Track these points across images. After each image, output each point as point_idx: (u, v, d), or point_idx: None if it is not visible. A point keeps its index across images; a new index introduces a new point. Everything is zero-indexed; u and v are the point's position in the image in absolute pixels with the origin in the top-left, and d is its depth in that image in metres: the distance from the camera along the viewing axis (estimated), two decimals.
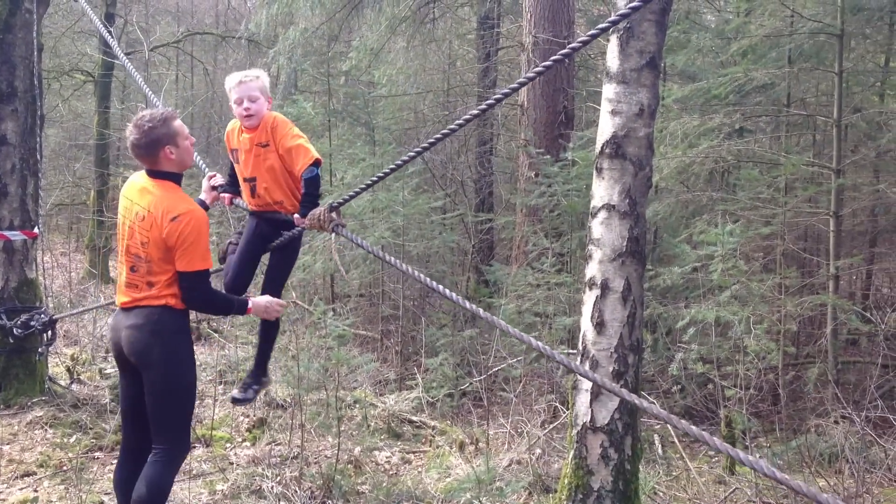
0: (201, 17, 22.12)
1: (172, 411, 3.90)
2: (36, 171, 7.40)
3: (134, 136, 3.83)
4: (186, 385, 3.92)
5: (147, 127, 3.80)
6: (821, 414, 7.18)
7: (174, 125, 3.86)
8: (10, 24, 7.13)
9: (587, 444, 5.02)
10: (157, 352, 3.83)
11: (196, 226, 3.78)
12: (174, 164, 3.89)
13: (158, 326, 3.85)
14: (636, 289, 5.03)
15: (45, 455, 6.16)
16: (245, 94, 4.08)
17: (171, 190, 3.87)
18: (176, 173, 3.94)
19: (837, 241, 8.37)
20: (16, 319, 6.99)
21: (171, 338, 3.87)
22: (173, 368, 3.86)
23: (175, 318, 3.89)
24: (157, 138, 3.80)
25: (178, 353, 3.89)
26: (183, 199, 3.85)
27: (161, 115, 3.85)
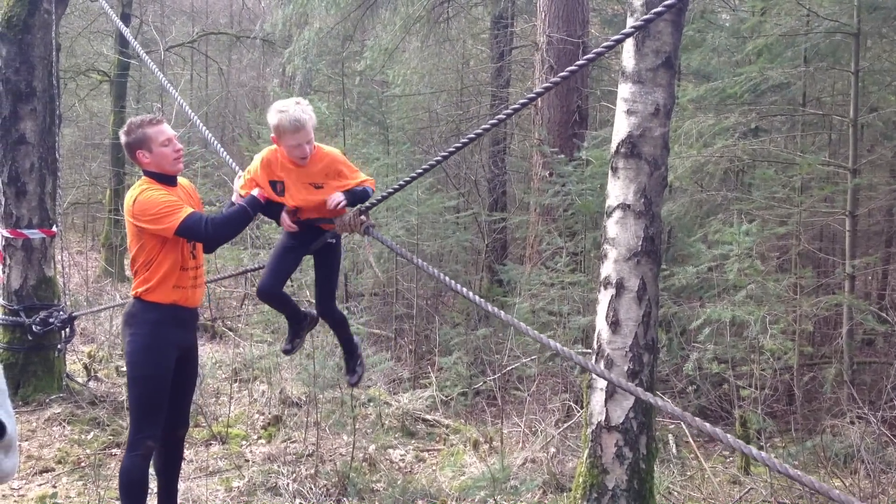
0: (216, 18, 22.22)
1: (131, 399, 4.11)
2: (54, 169, 7.47)
3: (120, 138, 4.17)
4: (143, 376, 4.03)
5: (122, 133, 4.11)
6: (836, 414, 7.15)
7: (149, 131, 4.06)
8: (29, 24, 7.19)
9: (602, 443, 5.03)
10: (126, 341, 4.13)
11: (146, 198, 3.95)
12: (152, 166, 4.09)
13: (128, 317, 4.13)
14: (651, 288, 5.03)
15: (64, 451, 6.23)
16: (304, 139, 3.85)
17: (143, 183, 4.07)
18: (159, 174, 4.10)
19: (853, 240, 8.33)
20: (34, 317, 7.06)
21: (136, 328, 4.06)
22: (132, 357, 4.05)
23: (143, 311, 4.07)
24: (130, 143, 4.08)
25: (139, 343, 4.04)
26: (143, 188, 4.02)
27: (138, 122, 4.10)
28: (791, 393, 7.81)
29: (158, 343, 4.06)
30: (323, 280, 4.35)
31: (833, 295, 8.40)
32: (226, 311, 11.79)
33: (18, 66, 7.16)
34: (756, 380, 6.72)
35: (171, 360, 4.11)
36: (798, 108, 9.35)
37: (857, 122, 8.29)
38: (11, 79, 7.15)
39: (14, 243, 7.22)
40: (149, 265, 4.05)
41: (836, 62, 8.99)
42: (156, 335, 4.05)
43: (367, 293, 11.17)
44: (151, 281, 4.04)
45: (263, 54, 19.15)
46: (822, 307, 8.01)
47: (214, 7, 22.64)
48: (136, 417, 4.07)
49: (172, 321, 4.11)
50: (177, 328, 4.15)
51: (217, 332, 10.83)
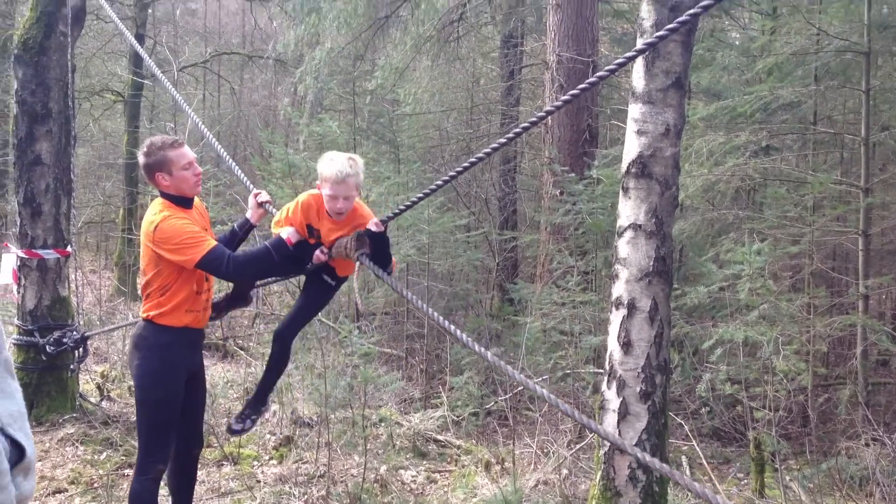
0: (228, 38, 22.44)
1: (140, 422, 4.08)
2: (69, 190, 7.52)
3: (139, 159, 4.13)
4: (153, 401, 4.00)
5: (142, 154, 4.04)
6: (851, 436, 7.09)
7: (169, 154, 3.99)
8: (45, 46, 7.27)
9: (615, 465, 5.00)
10: (134, 364, 4.06)
11: (170, 226, 3.88)
12: (171, 189, 4.03)
13: (137, 340, 4.07)
14: (663, 308, 5.02)
15: (77, 472, 6.23)
16: (342, 192, 3.87)
17: (160, 206, 4.02)
18: (177, 196, 4.05)
19: (866, 260, 8.29)
20: (48, 337, 7.09)
21: (147, 352, 4.01)
22: (142, 381, 4.01)
23: (154, 333, 4.02)
24: (149, 164, 4.01)
25: (149, 367, 4.00)
26: (163, 212, 3.96)
27: (159, 143, 4.03)
28: (805, 414, 7.75)
29: (169, 367, 4.02)
30: (301, 308, 4.33)
31: (847, 315, 8.35)
32: (237, 331, 11.81)
33: (34, 88, 7.23)
34: (770, 401, 6.67)
35: (181, 384, 4.08)
36: (809, 126, 9.34)
37: (868, 140, 8.27)
38: (28, 100, 7.22)
39: (29, 263, 7.27)
40: (164, 290, 4.01)
41: (847, 81, 8.99)
42: (166, 359, 4.02)
43: (379, 312, 11.18)
44: (166, 306, 4.00)
45: (275, 74, 19.33)
46: (836, 327, 7.97)
47: (227, 28, 22.87)
48: (146, 441, 4.06)
49: (183, 344, 4.09)
50: (187, 351, 4.13)
51: (228, 352, 10.85)
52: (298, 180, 10.47)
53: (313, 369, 7.99)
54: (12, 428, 1.45)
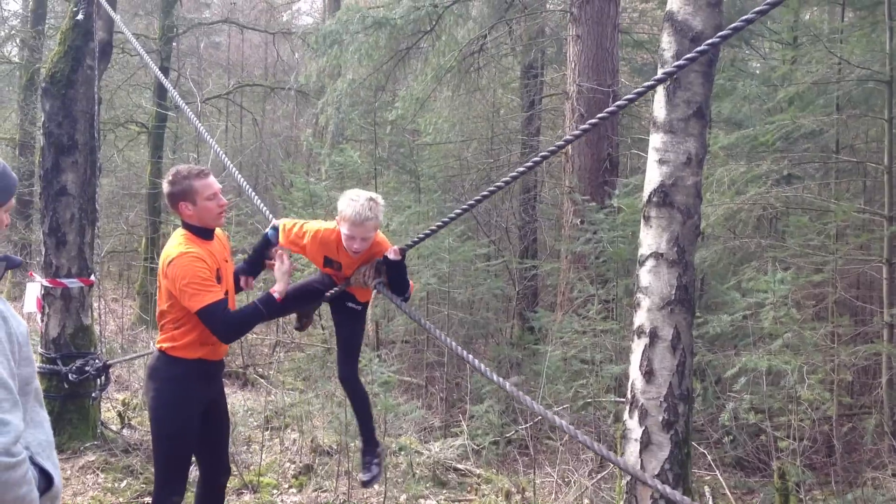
0: (251, 70, 22.75)
1: (156, 455, 4.06)
2: (93, 220, 7.62)
3: (163, 187, 4.07)
4: (167, 434, 3.96)
5: (168, 181, 3.99)
6: (877, 466, 6.98)
7: (195, 184, 3.94)
8: (72, 80, 7.41)
9: (637, 496, 4.94)
10: (149, 396, 4.04)
11: (183, 266, 3.81)
12: (193, 219, 3.98)
13: (151, 371, 4.04)
14: (685, 337, 4.99)
15: (97, 500, 6.25)
16: (360, 234, 3.90)
17: (181, 238, 3.97)
18: (199, 227, 4.01)
19: (891, 288, 8.20)
20: (71, 365, 7.14)
21: (160, 384, 3.97)
22: (155, 414, 3.98)
23: (167, 365, 3.97)
24: (174, 193, 3.96)
25: (162, 399, 3.95)
26: (181, 244, 3.91)
27: (186, 172, 3.98)
28: (830, 444, 7.64)
29: (182, 400, 3.96)
30: (343, 342, 4.35)
31: (872, 344, 8.25)
32: (257, 359, 11.84)
33: (61, 121, 7.36)
34: (794, 430, 6.59)
35: (196, 416, 4.01)
36: (831, 155, 9.31)
37: (892, 168, 8.22)
38: (54, 132, 7.35)
39: (53, 292, 7.34)
40: (178, 324, 3.95)
41: (869, 110, 8.97)
42: (179, 392, 3.96)
43: (399, 341, 11.17)
44: (179, 340, 3.95)
45: (297, 105, 19.53)
46: (861, 356, 7.87)
47: (250, 60, 23.19)
48: (162, 474, 4.02)
49: (197, 376, 4.01)
50: (202, 382, 4.05)
51: (248, 380, 10.87)
52: (320, 209, 10.55)
53: (333, 397, 7.99)
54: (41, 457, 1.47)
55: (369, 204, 3.83)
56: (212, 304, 3.80)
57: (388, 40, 12.54)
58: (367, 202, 3.83)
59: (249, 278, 4.38)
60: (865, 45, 8.52)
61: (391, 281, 4.04)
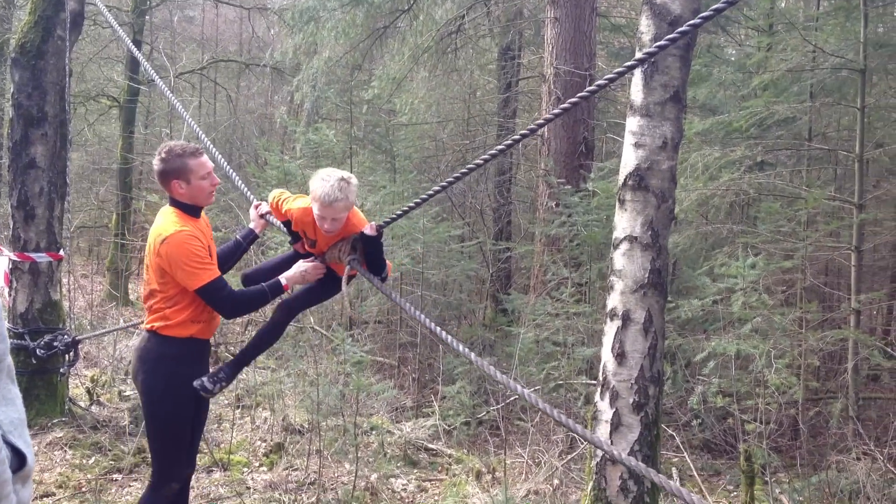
0: (225, 45, 22.46)
1: (152, 440, 3.95)
2: (63, 194, 7.51)
3: (154, 162, 3.96)
4: (163, 415, 3.87)
5: (162, 157, 3.89)
6: (842, 450, 7.10)
7: (190, 162, 3.87)
8: (43, 50, 7.27)
9: (606, 476, 5.00)
10: (140, 379, 3.90)
11: (179, 244, 3.74)
12: (185, 196, 3.91)
13: (144, 353, 3.91)
14: (657, 320, 5.03)
15: (65, 476, 6.20)
16: (329, 215, 3.85)
17: (172, 216, 3.90)
18: (190, 205, 3.94)
19: (859, 275, 8.33)
20: (39, 340, 7.06)
21: (153, 365, 3.87)
22: (150, 396, 3.88)
23: (160, 345, 3.88)
24: (168, 170, 3.87)
25: (157, 380, 3.86)
26: (175, 223, 3.84)
27: (179, 150, 3.89)
28: (796, 428, 7.76)
29: (178, 382, 3.87)
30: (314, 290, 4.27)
31: (839, 329, 8.38)
32: (229, 337, 11.77)
33: (31, 92, 7.23)
34: (761, 414, 6.68)
35: (191, 396, 3.92)
36: (804, 142, 9.40)
37: (862, 157, 8.32)
38: (24, 104, 7.22)
39: (21, 266, 7.24)
40: (170, 302, 3.87)
41: (842, 98, 9.05)
42: (174, 373, 3.87)
43: (372, 321, 11.16)
44: (172, 319, 3.86)
45: (272, 82, 19.34)
46: (828, 342, 7.99)
47: (224, 35, 22.89)
48: (162, 459, 3.92)
49: (191, 356, 3.95)
50: (194, 362, 3.98)
51: (220, 358, 10.80)
52: (294, 188, 10.48)
53: (305, 376, 7.98)
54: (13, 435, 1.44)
55: (340, 184, 3.76)
56: (213, 280, 3.79)
57: (366, 18, 12.43)
58: (338, 182, 3.76)
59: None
60: (840, 34, 8.59)
61: (367, 258, 4.00)
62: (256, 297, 3.98)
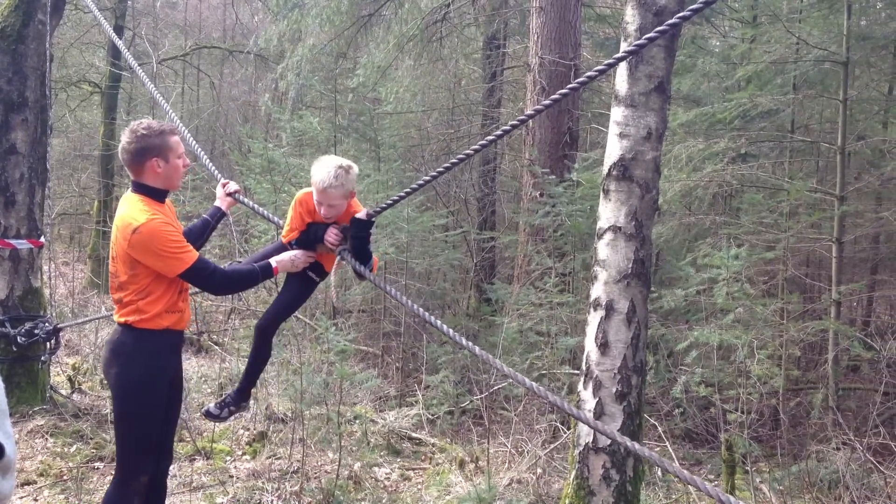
0: (209, 32, 22.26)
1: (122, 435, 3.81)
2: (44, 180, 7.44)
3: (126, 140, 3.75)
4: (135, 412, 3.74)
5: (141, 133, 3.72)
6: (822, 440, 7.18)
7: (170, 139, 3.77)
8: (23, 35, 7.19)
9: (589, 465, 5.02)
10: (113, 372, 3.77)
11: (154, 232, 3.61)
12: (160, 179, 3.78)
13: (117, 346, 3.78)
14: (641, 310, 5.05)
15: (46, 464, 6.16)
16: (326, 201, 3.87)
17: (139, 203, 3.73)
18: (159, 189, 3.80)
19: (840, 267, 8.40)
20: (20, 328, 7.00)
21: (127, 358, 3.74)
22: (124, 392, 3.74)
23: (136, 338, 3.74)
24: (148, 147, 3.71)
25: (132, 375, 3.73)
26: (144, 210, 3.69)
27: (159, 127, 3.77)
28: (777, 417, 7.83)
29: (153, 375, 3.77)
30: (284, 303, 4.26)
31: (819, 320, 8.45)
32: (212, 325, 11.73)
33: (11, 76, 7.14)
34: (742, 404, 6.74)
35: (165, 392, 3.84)
36: (786, 134, 9.45)
37: (844, 149, 8.38)
38: (3, 88, 7.13)
39: (1, 253, 7.17)
40: (143, 294, 3.73)
41: (825, 90, 9.10)
42: (150, 367, 3.76)
43: (355, 310, 11.15)
44: (146, 312, 3.73)
45: (256, 69, 19.20)
46: (809, 332, 8.06)
47: (207, 21, 22.69)
48: (129, 454, 3.81)
49: (166, 349, 3.85)
50: (170, 356, 3.89)
51: (203, 346, 10.77)
52: (277, 176, 10.43)
53: (289, 365, 7.96)
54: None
55: (336, 171, 3.78)
56: (195, 262, 3.69)
57: (350, 6, 12.37)
58: (335, 169, 3.78)
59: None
60: (823, 26, 8.63)
61: (353, 242, 3.98)
62: (246, 276, 3.93)
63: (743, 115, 8.67)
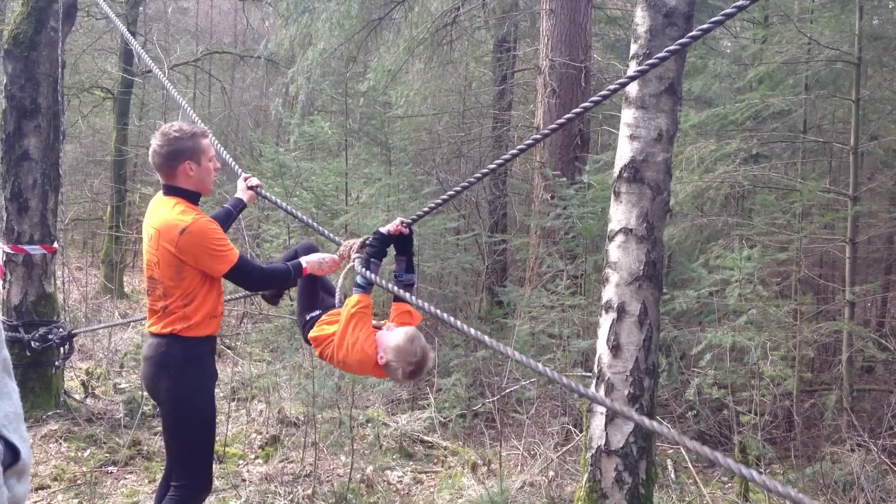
0: (220, 37, 22.36)
1: (186, 449, 3.73)
2: (57, 186, 7.49)
3: (157, 143, 3.70)
4: (198, 421, 3.70)
5: (173, 136, 3.68)
6: (836, 441, 7.13)
7: (202, 142, 3.74)
8: (36, 42, 7.24)
9: (601, 468, 5.01)
10: (164, 386, 3.68)
11: (203, 231, 3.60)
12: (192, 181, 3.74)
13: (165, 358, 3.68)
14: (652, 312, 5.04)
15: (60, 469, 6.19)
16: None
17: (179, 205, 3.70)
18: (192, 192, 3.77)
19: (853, 267, 8.34)
20: (34, 333, 7.05)
21: (179, 370, 3.66)
22: (183, 404, 3.68)
23: (184, 348, 3.67)
24: (181, 150, 3.68)
25: (186, 386, 3.67)
26: (187, 211, 3.67)
27: (191, 129, 3.74)
28: (791, 419, 7.78)
29: (207, 382, 3.76)
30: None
31: (833, 321, 8.39)
32: (224, 330, 11.77)
33: (24, 83, 7.20)
34: (756, 406, 6.70)
35: (214, 396, 3.86)
36: (799, 135, 9.39)
37: (857, 149, 8.32)
38: (17, 95, 7.19)
39: (15, 259, 7.22)
40: (188, 299, 3.66)
41: (837, 90, 9.05)
42: (203, 374, 3.73)
43: None
44: (193, 317, 3.65)
45: (267, 74, 19.24)
46: (823, 333, 8.01)
47: (219, 27, 22.79)
48: (199, 467, 3.75)
49: (210, 354, 3.82)
50: (213, 361, 3.86)
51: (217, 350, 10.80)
52: (289, 180, 10.46)
53: (301, 369, 7.97)
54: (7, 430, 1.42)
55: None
56: (240, 259, 3.68)
57: (361, 10, 12.38)
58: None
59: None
60: (835, 26, 8.58)
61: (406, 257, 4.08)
62: (281, 273, 3.89)
63: (755, 116, 8.62)
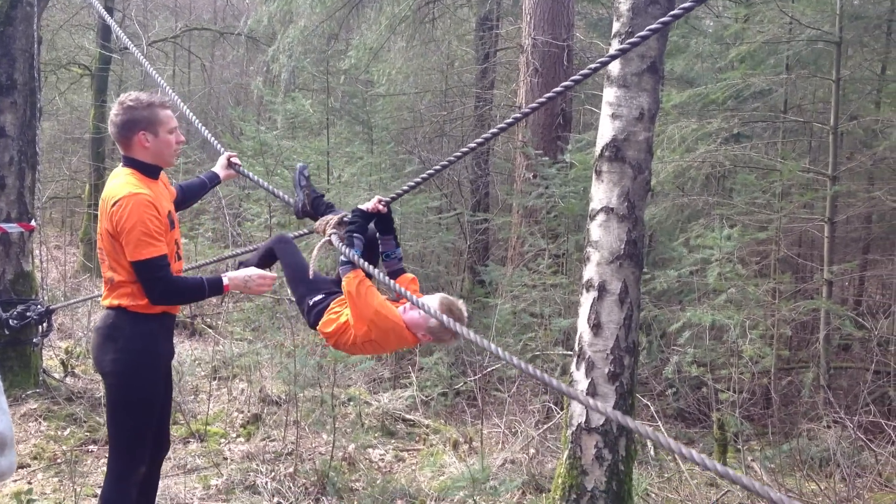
0: (199, 13, 22.09)
1: (119, 426, 3.59)
2: (34, 163, 7.39)
3: (113, 112, 3.59)
4: (136, 400, 3.53)
5: (128, 105, 3.54)
6: (813, 418, 7.23)
7: (160, 113, 3.57)
8: (11, 16, 7.12)
9: (582, 445, 5.05)
10: (108, 359, 3.53)
11: (133, 209, 3.38)
12: (148, 153, 3.57)
13: (112, 331, 3.54)
14: (633, 291, 5.06)
15: (39, 447, 6.17)
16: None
17: (129, 177, 3.53)
18: (150, 165, 3.60)
19: (832, 247, 8.42)
20: (11, 311, 6.98)
21: (124, 344, 3.51)
22: (121, 379, 3.53)
23: (132, 322, 3.52)
24: (136, 119, 3.53)
25: (129, 362, 3.51)
26: (132, 184, 3.48)
27: (148, 99, 3.58)
28: (768, 397, 7.88)
29: (151, 361, 3.57)
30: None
31: (811, 300, 8.49)
32: (205, 308, 11.72)
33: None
34: (734, 383, 6.78)
35: (162, 379, 3.68)
36: (779, 114, 9.44)
37: (837, 129, 8.38)
38: None
39: None
40: (129, 272, 3.48)
41: (818, 70, 9.09)
42: (148, 352, 3.55)
43: None
44: (141, 295, 3.49)
45: (247, 51, 19.05)
46: (801, 312, 8.10)
47: (198, 2, 22.50)
48: (127, 446, 3.57)
49: (162, 332, 3.63)
50: (166, 339, 3.69)
51: (196, 329, 10.77)
52: (270, 159, 10.39)
53: (282, 348, 7.96)
54: None
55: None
56: (156, 257, 3.42)
57: None
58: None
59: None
60: (816, 6, 8.61)
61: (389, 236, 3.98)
62: (191, 289, 3.61)
63: (736, 96, 8.65)
